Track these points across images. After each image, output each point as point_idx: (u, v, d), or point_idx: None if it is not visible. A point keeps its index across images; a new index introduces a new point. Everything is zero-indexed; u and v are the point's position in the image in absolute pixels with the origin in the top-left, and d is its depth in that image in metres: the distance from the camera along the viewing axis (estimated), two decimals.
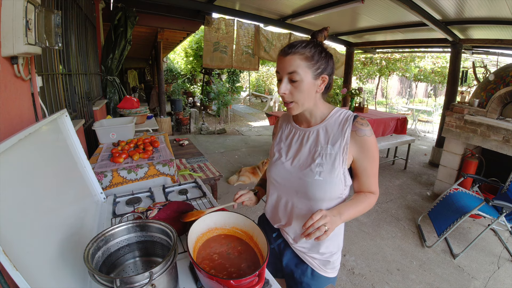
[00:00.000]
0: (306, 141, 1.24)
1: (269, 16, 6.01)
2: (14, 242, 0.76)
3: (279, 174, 1.29)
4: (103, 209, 1.62)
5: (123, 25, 4.37)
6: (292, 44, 1.11)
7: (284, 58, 1.10)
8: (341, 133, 1.16)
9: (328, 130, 1.20)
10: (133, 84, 12.60)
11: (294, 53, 1.08)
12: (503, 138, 3.76)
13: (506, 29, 4.82)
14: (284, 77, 1.12)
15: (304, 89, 1.11)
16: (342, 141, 1.15)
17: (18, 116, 1.34)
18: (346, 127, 1.16)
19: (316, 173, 1.16)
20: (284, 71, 1.11)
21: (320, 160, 1.17)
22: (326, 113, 1.23)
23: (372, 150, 1.16)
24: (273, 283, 1.09)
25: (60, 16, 1.55)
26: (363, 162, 1.17)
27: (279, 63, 1.13)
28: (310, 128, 1.25)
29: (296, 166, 1.23)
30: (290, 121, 1.36)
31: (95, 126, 2.58)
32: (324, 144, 1.18)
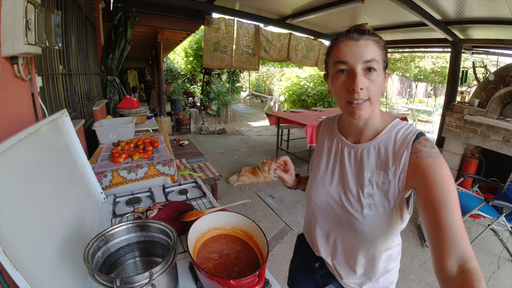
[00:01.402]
0: (354, 162, 1.02)
1: (269, 16, 6.01)
2: (14, 242, 0.76)
3: (319, 198, 1.10)
4: (103, 209, 1.62)
5: (123, 25, 4.37)
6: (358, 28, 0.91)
7: (357, 43, 0.88)
8: (396, 157, 0.91)
9: (381, 150, 0.95)
10: (133, 84, 12.59)
11: (368, 37, 0.89)
12: (503, 138, 3.76)
13: (506, 29, 4.83)
14: (358, 66, 0.87)
15: (380, 82, 0.90)
16: (397, 168, 0.90)
17: (18, 116, 1.34)
18: (404, 149, 0.90)
19: (365, 206, 0.95)
20: (359, 59, 0.87)
21: (371, 190, 0.95)
22: (382, 126, 0.98)
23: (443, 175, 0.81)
24: (273, 283, 1.09)
25: (60, 16, 1.55)
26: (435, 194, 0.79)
27: (346, 50, 0.89)
28: (359, 144, 1.01)
29: (341, 193, 1.03)
30: (334, 131, 1.13)
31: (95, 126, 2.58)
32: (376, 169, 0.95)
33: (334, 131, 1.13)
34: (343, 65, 0.89)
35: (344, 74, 0.90)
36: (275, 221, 3.71)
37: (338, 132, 1.10)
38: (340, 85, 0.91)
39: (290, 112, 6.06)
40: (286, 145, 6.71)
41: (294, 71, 15.13)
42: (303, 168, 5.60)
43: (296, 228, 3.52)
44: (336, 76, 0.92)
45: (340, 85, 0.91)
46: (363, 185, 0.96)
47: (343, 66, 0.89)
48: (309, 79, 12.33)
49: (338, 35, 0.93)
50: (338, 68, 0.90)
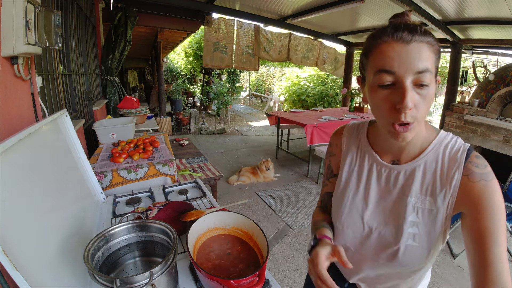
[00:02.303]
0: (394, 185, 0.87)
1: (269, 16, 6.01)
2: (14, 242, 0.76)
3: (352, 225, 0.94)
4: (103, 209, 1.62)
5: (123, 25, 4.37)
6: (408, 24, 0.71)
7: (407, 46, 0.68)
8: (447, 180, 0.79)
9: (427, 171, 0.82)
10: (133, 84, 12.59)
11: (422, 38, 0.69)
12: (503, 138, 3.76)
13: (506, 29, 4.83)
14: (408, 78, 0.69)
15: (431, 98, 0.72)
16: (447, 192, 0.78)
17: (18, 116, 1.34)
18: (454, 170, 0.78)
19: (408, 236, 0.83)
20: (410, 69, 0.68)
21: (415, 218, 0.82)
22: (427, 142, 0.84)
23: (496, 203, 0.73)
24: (273, 283, 1.09)
25: (60, 16, 1.55)
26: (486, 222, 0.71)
27: (393, 55, 0.69)
28: (400, 166, 0.86)
29: (379, 222, 0.89)
30: (364, 145, 0.95)
31: (95, 126, 2.58)
32: (422, 194, 0.82)
33: (363, 145, 0.96)
34: (388, 76, 0.71)
35: (388, 88, 0.72)
36: (275, 221, 3.71)
37: (370, 147, 0.94)
38: (382, 100, 0.74)
39: (290, 112, 6.06)
40: (286, 145, 6.71)
41: (294, 71, 15.14)
42: (303, 168, 5.61)
43: (296, 228, 3.52)
44: (378, 89, 0.74)
45: (382, 100, 0.74)
46: (406, 212, 0.83)
47: (388, 78, 0.71)
48: (309, 79, 12.34)
49: (381, 32, 0.73)
50: (382, 80, 0.72)
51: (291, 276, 2.73)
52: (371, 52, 0.75)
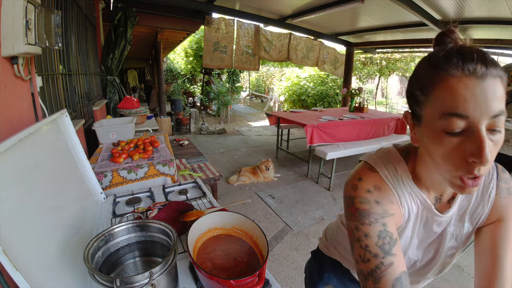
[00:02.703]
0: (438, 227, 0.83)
1: (269, 16, 6.01)
2: (14, 242, 0.76)
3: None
4: (103, 209, 1.61)
5: (123, 25, 4.37)
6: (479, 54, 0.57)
7: (482, 83, 0.56)
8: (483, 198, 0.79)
9: (465, 199, 0.80)
10: (133, 84, 12.60)
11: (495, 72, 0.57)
12: None
13: (506, 29, 4.83)
14: (483, 123, 0.57)
15: (501, 142, 0.61)
16: (484, 208, 0.79)
17: (18, 116, 1.34)
18: (491, 188, 0.78)
19: (447, 257, 0.86)
20: (486, 113, 0.56)
21: (454, 243, 0.84)
22: None
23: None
24: (273, 283, 1.09)
25: (60, 16, 1.55)
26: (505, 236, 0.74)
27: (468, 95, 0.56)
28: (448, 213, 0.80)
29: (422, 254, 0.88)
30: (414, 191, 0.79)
31: (95, 126, 2.58)
32: (460, 222, 0.82)
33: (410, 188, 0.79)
34: (461, 121, 0.58)
35: (459, 135, 0.60)
36: (275, 221, 3.71)
37: (419, 190, 0.79)
38: (452, 151, 0.61)
39: (290, 112, 6.06)
40: (286, 145, 6.71)
41: (294, 71, 15.15)
42: (303, 168, 5.61)
43: (296, 228, 3.52)
44: (445, 136, 0.61)
45: (452, 151, 0.61)
46: (445, 241, 0.83)
47: (461, 124, 0.58)
48: (309, 79, 12.35)
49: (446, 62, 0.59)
50: (452, 126, 0.59)
51: (291, 276, 2.73)
52: (434, 87, 0.61)
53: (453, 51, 0.59)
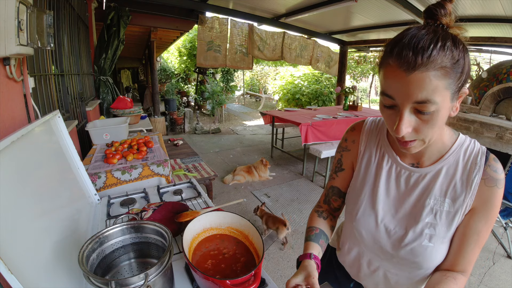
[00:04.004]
0: (413, 187, 0.88)
1: (262, 15, 6.01)
2: (8, 245, 0.75)
3: (367, 227, 0.94)
4: (97, 211, 1.61)
5: (116, 24, 4.35)
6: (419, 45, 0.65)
7: (408, 77, 0.66)
8: (467, 183, 0.81)
9: (448, 174, 0.84)
10: (127, 84, 12.54)
11: (426, 66, 0.64)
12: (496, 135, 3.80)
13: (498, 27, 4.86)
14: (406, 107, 0.69)
15: (438, 121, 0.70)
16: (467, 195, 0.81)
17: (10, 118, 1.33)
18: (475, 174, 0.80)
19: (424, 237, 0.84)
20: (408, 99, 0.68)
21: (432, 220, 0.84)
22: (447, 146, 0.85)
23: (496, 208, 0.80)
24: (269, 283, 1.09)
25: (52, 16, 1.54)
26: (478, 223, 0.80)
27: (393, 81, 0.69)
28: (421, 169, 0.87)
29: (395, 222, 0.90)
30: (385, 146, 0.94)
31: (88, 127, 2.56)
32: (441, 196, 0.83)
33: (383, 144, 0.95)
34: (389, 100, 0.72)
35: (390, 108, 0.74)
36: None
37: (390, 147, 0.92)
38: (386, 118, 0.77)
39: (285, 111, 6.07)
40: (281, 144, 6.72)
41: (289, 70, 15.16)
42: (298, 167, 5.62)
43: (291, 226, 3.53)
44: (383, 107, 0.76)
45: (386, 118, 0.77)
46: (423, 214, 0.85)
47: (389, 101, 0.72)
48: (303, 78, 12.38)
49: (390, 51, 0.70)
50: (384, 101, 0.74)
51: (287, 275, 2.74)
52: (380, 69, 0.74)
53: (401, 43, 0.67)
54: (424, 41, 0.64)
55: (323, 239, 0.98)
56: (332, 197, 1.09)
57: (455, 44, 0.67)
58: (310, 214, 1.11)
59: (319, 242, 0.96)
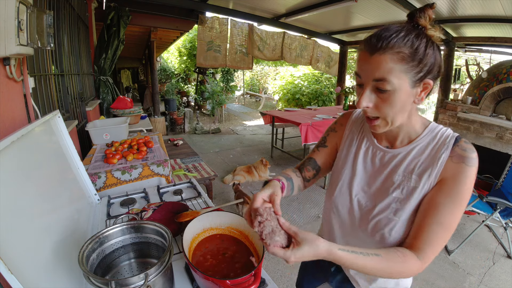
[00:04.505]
0: (385, 166, 0.95)
1: (262, 15, 6.01)
2: (8, 245, 0.75)
3: (343, 204, 1.03)
4: (97, 211, 1.61)
5: (116, 24, 4.34)
6: (381, 34, 0.78)
7: (370, 58, 0.79)
8: (433, 160, 0.86)
9: (417, 154, 0.90)
10: (127, 84, 12.53)
11: (385, 50, 0.76)
12: (496, 135, 3.80)
13: (498, 27, 4.86)
14: (368, 84, 0.81)
15: (396, 101, 0.80)
16: (432, 171, 0.85)
17: (11, 118, 1.33)
18: (442, 151, 0.85)
19: (390, 210, 0.90)
20: (368, 77, 0.80)
21: (399, 195, 0.89)
22: (419, 131, 0.92)
23: (463, 186, 0.81)
24: (269, 283, 1.09)
25: (52, 16, 1.54)
26: (440, 198, 0.82)
27: (361, 63, 0.82)
28: (394, 150, 0.94)
29: (367, 197, 0.98)
30: (366, 132, 1.04)
31: (88, 127, 2.56)
32: (408, 173, 0.89)
33: (365, 130, 1.05)
34: (358, 79, 0.85)
35: (360, 87, 0.85)
36: None
37: (371, 133, 1.02)
38: (357, 95, 0.87)
39: (285, 111, 6.06)
40: (281, 144, 6.72)
41: (289, 70, 15.15)
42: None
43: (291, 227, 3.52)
44: (356, 87, 0.88)
45: (357, 95, 0.87)
46: (391, 189, 0.91)
47: (359, 79, 0.85)
48: (304, 78, 12.36)
49: (363, 40, 0.83)
50: (356, 80, 0.87)
51: (287, 275, 2.74)
52: (358, 53, 0.86)
53: (373, 33, 0.81)
54: (390, 32, 0.77)
55: (290, 183, 1.06)
56: (306, 167, 1.17)
57: (419, 38, 0.78)
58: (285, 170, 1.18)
59: (287, 182, 1.03)
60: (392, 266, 0.79)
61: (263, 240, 0.77)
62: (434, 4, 0.82)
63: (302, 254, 0.73)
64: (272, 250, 0.75)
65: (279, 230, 0.78)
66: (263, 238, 0.77)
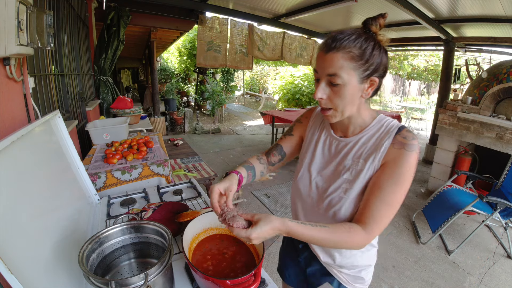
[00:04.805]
0: (338, 153, 1.09)
1: (262, 15, 6.00)
2: (8, 245, 0.75)
3: (304, 187, 1.16)
4: (97, 211, 1.61)
5: (116, 24, 4.34)
6: (337, 37, 0.90)
7: (325, 56, 0.91)
8: (377, 147, 0.99)
9: (365, 142, 1.03)
10: (127, 84, 12.51)
11: (338, 49, 0.89)
12: (496, 135, 3.79)
13: (498, 27, 4.86)
14: (323, 79, 0.94)
15: (346, 94, 0.93)
16: (376, 156, 0.98)
17: (11, 118, 1.33)
18: (386, 139, 0.98)
19: (341, 190, 1.03)
20: (323, 72, 0.93)
21: (349, 176, 1.02)
22: (367, 122, 1.05)
23: (402, 168, 0.93)
24: (269, 283, 1.09)
25: (52, 16, 1.53)
26: (382, 179, 0.95)
27: (318, 60, 0.95)
28: (346, 138, 1.08)
29: (323, 180, 1.11)
30: (325, 124, 1.18)
31: (89, 127, 2.56)
32: (356, 158, 1.03)
33: (325, 122, 1.19)
34: (316, 74, 0.97)
35: (317, 82, 0.97)
36: None
37: (329, 126, 1.16)
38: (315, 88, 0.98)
39: (285, 111, 6.06)
40: None
41: (289, 70, 15.14)
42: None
43: None
44: (315, 81, 1.00)
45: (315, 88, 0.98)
46: (342, 172, 1.05)
47: (316, 75, 0.98)
48: (303, 78, 12.34)
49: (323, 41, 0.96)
50: (314, 76, 0.99)
51: None
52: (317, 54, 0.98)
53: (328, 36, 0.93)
54: (343, 34, 0.90)
55: (251, 172, 1.20)
56: (273, 152, 1.31)
57: (367, 41, 0.90)
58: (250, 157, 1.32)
59: (248, 172, 1.17)
60: (337, 236, 0.90)
61: (227, 223, 0.88)
62: (386, 14, 0.98)
63: (260, 229, 0.83)
64: (236, 231, 0.85)
65: (239, 217, 0.89)
66: (228, 222, 0.88)
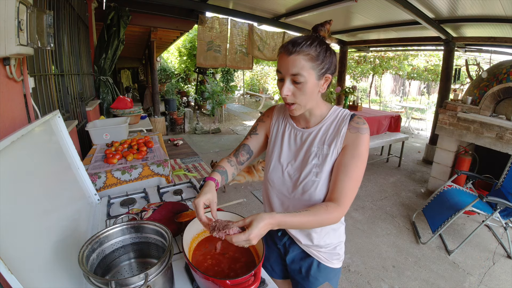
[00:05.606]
0: (304, 142, 1.22)
1: (262, 15, 6.00)
2: (8, 245, 0.75)
3: (276, 177, 1.27)
4: (97, 211, 1.61)
5: (116, 24, 4.34)
6: (295, 41, 1.04)
7: (288, 58, 1.04)
8: (337, 133, 1.14)
9: (326, 130, 1.18)
10: (127, 84, 12.52)
11: (298, 52, 1.02)
12: (496, 135, 3.79)
13: (498, 27, 4.86)
14: (287, 78, 1.07)
15: (307, 90, 1.07)
16: (337, 141, 1.13)
17: (11, 118, 1.33)
18: (343, 126, 1.14)
19: (312, 174, 1.16)
20: (287, 72, 1.05)
21: (317, 161, 1.16)
22: (325, 113, 1.21)
23: (360, 148, 1.10)
24: (269, 283, 1.09)
25: (52, 16, 1.53)
26: (345, 158, 1.10)
27: (281, 62, 1.07)
28: (308, 129, 1.23)
29: (294, 168, 1.23)
30: (287, 118, 1.32)
31: (89, 127, 2.56)
32: (321, 144, 1.17)
33: (286, 117, 1.33)
34: (280, 74, 1.09)
35: (281, 82, 1.10)
36: None
37: (290, 118, 1.30)
38: (279, 88, 1.11)
39: None
40: None
41: None
42: None
43: None
44: (278, 81, 1.13)
45: (279, 88, 1.11)
46: (310, 158, 1.18)
47: (280, 75, 1.09)
48: None
49: (282, 46, 1.08)
50: (278, 76, 1.11)
51: None
52: (277, 56, 1.11)
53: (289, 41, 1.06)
54: (300, 40, 1.04)
55: (224, 176, 1.30)
56: (241, 152, 1.39)
57: (320, 45, 1.05)
58: (220, 160, 1.41)
59: (222, 177, 1.27)
60: (319, 215, 1.00)
61: (223, 233, 0.92)
62: (331, 20, 1.16)
63: (257, 229, 0.88)
64: (235, 238, 0.88)
65: (231, 224, 0.93)
66: (224, 231, 0.91)
